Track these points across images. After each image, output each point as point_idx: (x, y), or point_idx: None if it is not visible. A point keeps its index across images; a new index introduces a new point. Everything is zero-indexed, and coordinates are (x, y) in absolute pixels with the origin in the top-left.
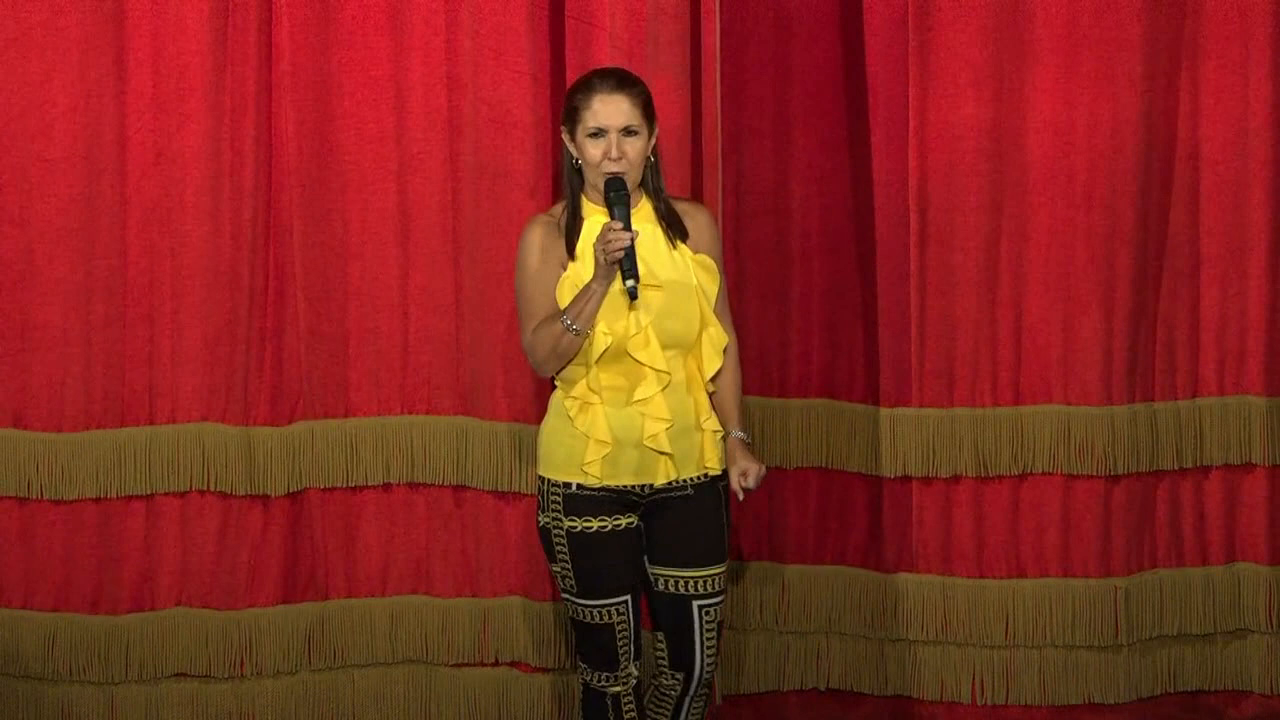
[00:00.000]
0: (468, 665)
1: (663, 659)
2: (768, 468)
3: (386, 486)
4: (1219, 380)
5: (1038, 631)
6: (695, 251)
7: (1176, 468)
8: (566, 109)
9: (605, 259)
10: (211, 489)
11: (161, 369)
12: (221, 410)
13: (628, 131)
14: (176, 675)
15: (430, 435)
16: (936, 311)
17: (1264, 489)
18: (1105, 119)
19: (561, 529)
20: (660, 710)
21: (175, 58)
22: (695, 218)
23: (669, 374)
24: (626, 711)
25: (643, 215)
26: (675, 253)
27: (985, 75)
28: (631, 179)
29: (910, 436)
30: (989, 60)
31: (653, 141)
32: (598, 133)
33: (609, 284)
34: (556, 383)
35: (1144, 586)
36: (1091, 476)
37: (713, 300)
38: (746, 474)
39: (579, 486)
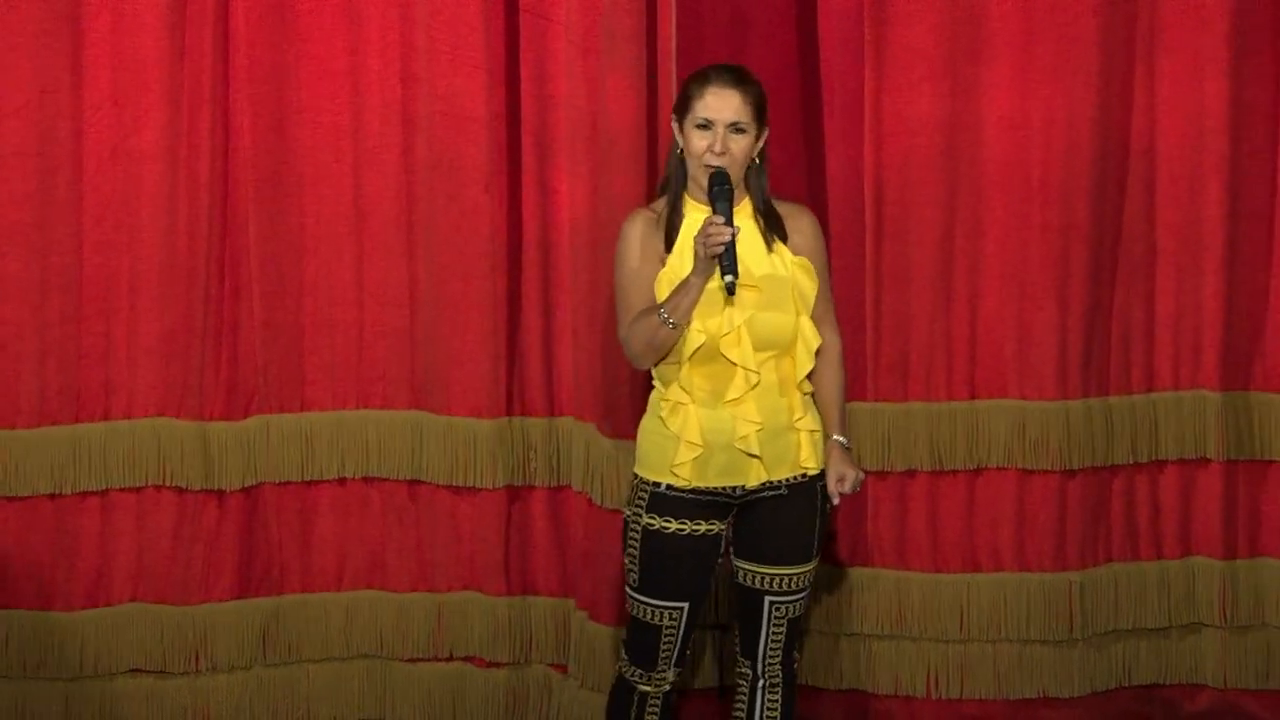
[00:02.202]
0: (423, 660)
1: (737, 646)
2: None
3: (342, 481)
4: (1174, 375)
5: (993, 626)
6: (795, 254)
7: (1131, 462)
8: (679, 98)
9: (705, 253)
10: (167, 484)
11: (117, 364)
12: (177, 405)
13: (735, 128)
14: (132, 671)
15: (385, 429)
16: (892, 306)
17: (1218, 483)
18: (1061, 114)
19: (639, 524)
20: (739, 700)
21: (131, 52)
22: (798, 220)
23: (758, 375)
24: (649, 713)
25: (744, 214)
26: (773, 254)
27: (941, 70)
28: (734, 176)
29: (865, 431)
30: (944, 55)
31: (761, 143)
32: (705, 124)
33: (707, 279)
34: (654, 381)
35: (1099, 581)
36: (1047, 471)
37: (809, 303)
38: (844, 479)
39: (668, 487)
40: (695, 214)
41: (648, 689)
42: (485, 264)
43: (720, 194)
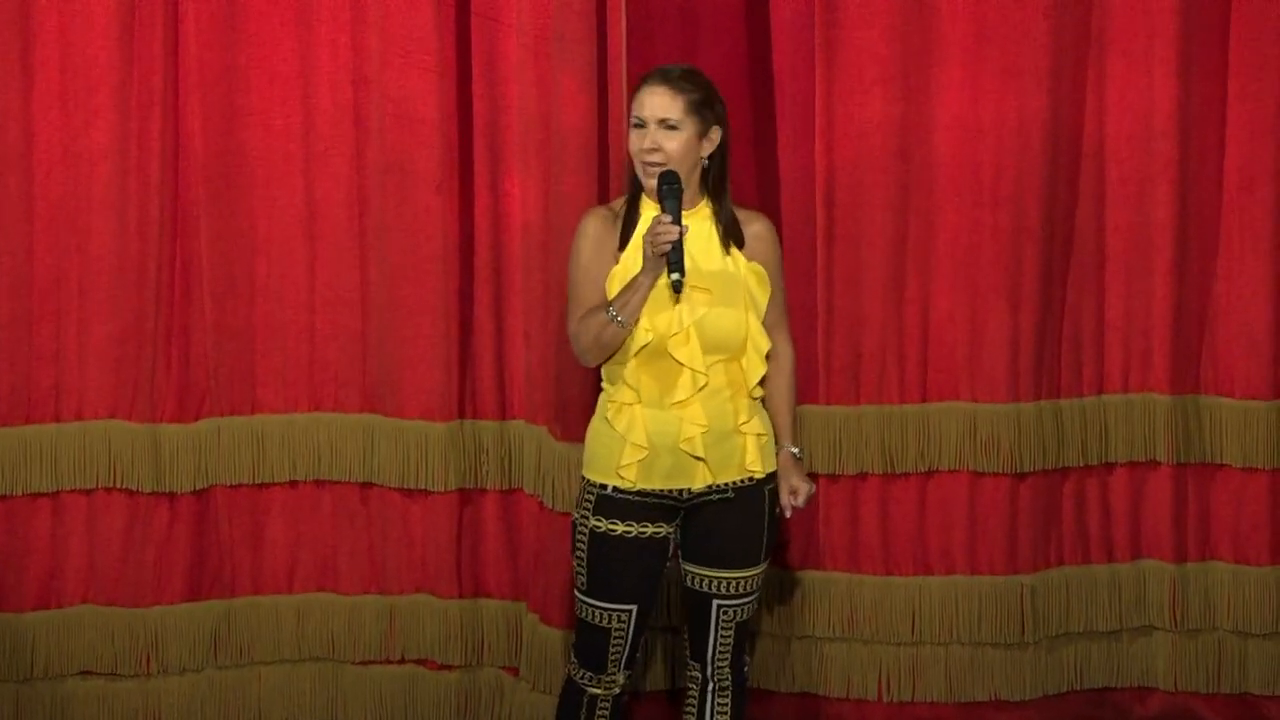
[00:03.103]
0: (374, 663)
1: (686, 649)
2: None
3: (293, 484)
4: (1124, 378)
5: (944, 629)
6: (750, 259)
7: (1082, 465)
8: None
9: (653, 252)
10: (118, 486)
11: (68, 366)
12: (128, 407)
13: (665, 124)
14: (82, 673)
15: (337, 432)
16: (843, 309)
17: (1168, 486)
18: (1011, 116)
19: (586, 527)
20: (690, 703)
21: (81, 54)
22: (755, 226)
23: (706, 376)
24: (599, 715)
25: (700, 216)
26: (728, 257)
27: (892, 72)
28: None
29: (817, 434)
30: (896, 57)
31: (710, 144)
32: (639, 123)
33: (656, 277)
34: (603, 383)
35: (1050, 584)
36: (998, 474)
37: (761, 309)
38: (796, 492)
39: (615, 489)
40: (650, 214)
41: (597, 691)
42: (437, 266)
43: (669, 193)
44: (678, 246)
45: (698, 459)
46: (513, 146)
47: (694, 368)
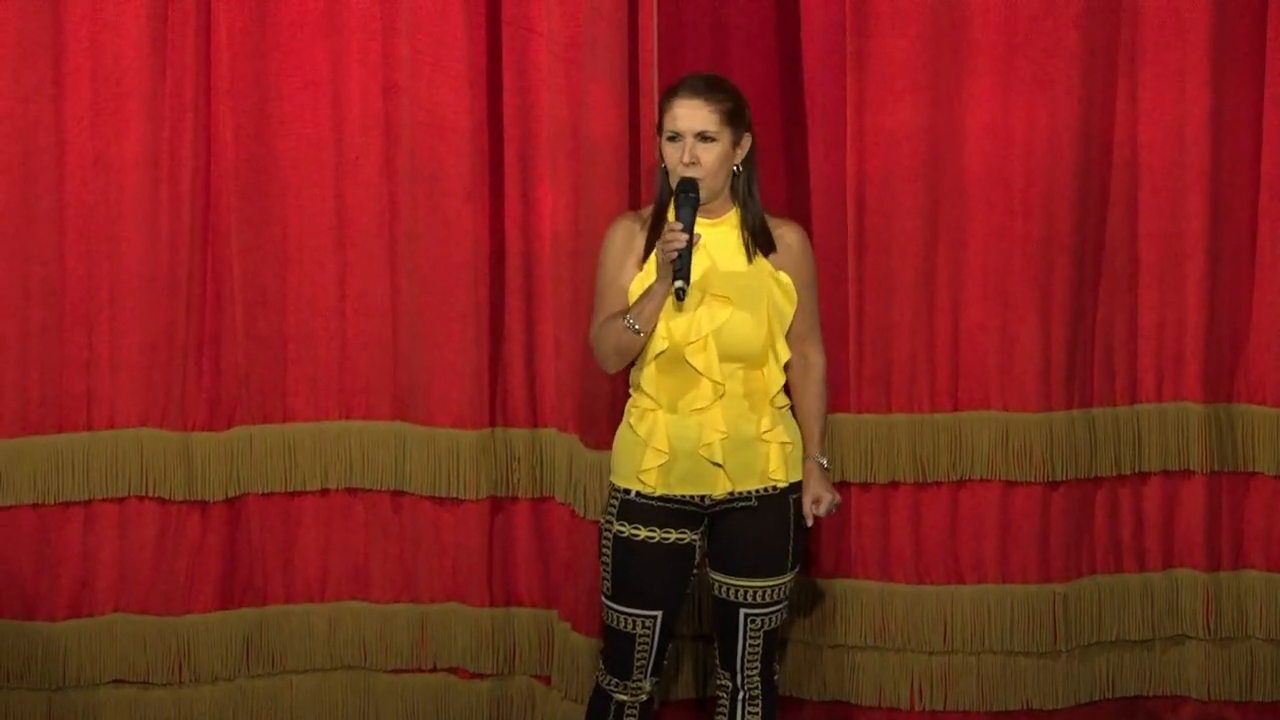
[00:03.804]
0: (406, 671)
1: (716, 658)
2: None
3: (324, 492)
4: (1157, 387)
5: (976, 637)
6: (779, 268)
7: (1115, 474)
8: (658, 114)
9: (663, 259)
10: (150, 495)
11: (99, 374)
12: (160, 416)
13: (703, 137)
14: (115, 681)
15: (368, 440)
16: (874, 317)
17: (1201, 495)
18: (1042, 125)
19: (610, 532)
20: (720, 711)
21: (113, 63)
22: (786, 235)
23: (723, 385)
24: None
25: (728, 224)
26: (753, 265)
27: (923, 81)
28: (708, 186)
29: (848, 442)
30: (926, 66)
31: (741, 151)
32: (674, 136)
33: (670, 285)
34: (629, 389)
35: (1082, 592)
36: (1030, 483)
37: (785, 319)
38: (819, 501)
39: (638, 494)
40: None
41: (624, 698)
42: (467, 274)
43: (684, 201)
44: (685, 254)
45: (716, 465)
46: (543, 154)
47: (710, 376)
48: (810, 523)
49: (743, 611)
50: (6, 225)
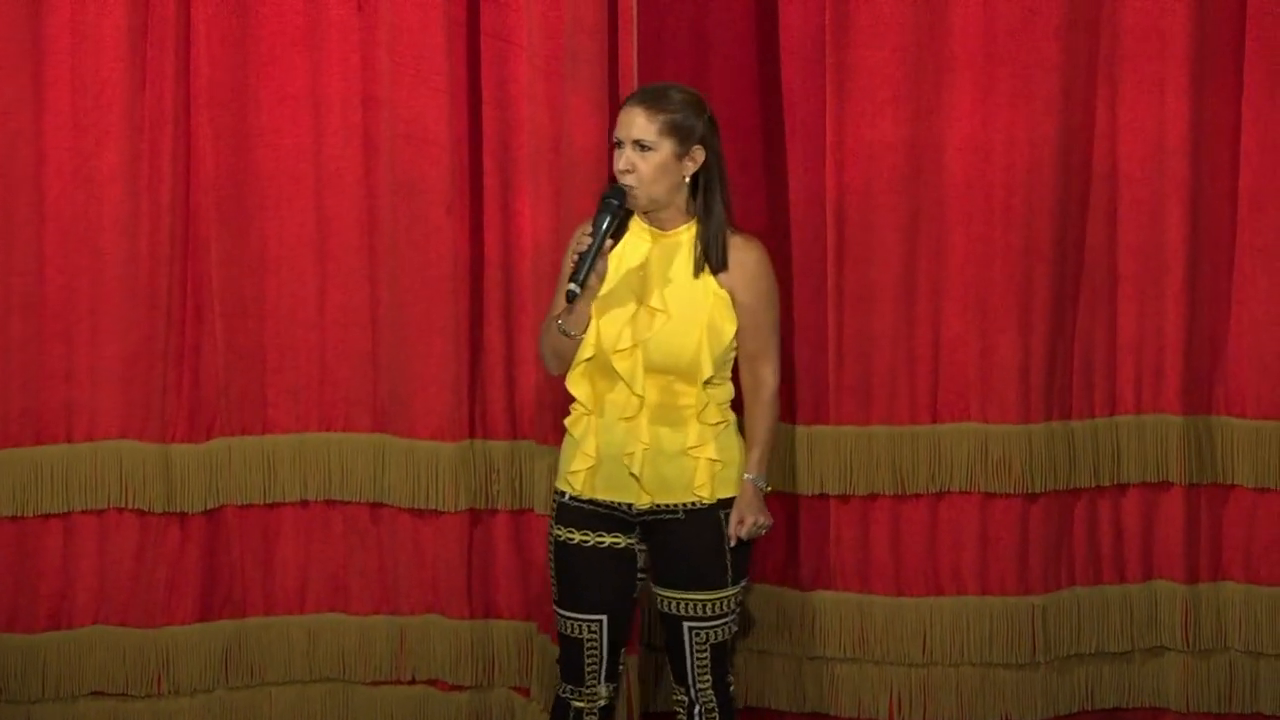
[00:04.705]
0: (385, 683)
1: (671, 672)
2: None
3: (304, 503)
4: (1136, 399)
5: (955, 649)
6: (729, 286)
7: (1094, 486)
8: None
9: (567, 260)
10: (129, 507)
11: (79, 386)
12: (139, 428)
13: (640, 146)
14: (94, 693)
15: (348, 452)
16: (854, 329)
17: (1180, 507)
18: (1022, 137)
19: (551, 536)
20: None
21: (93, 74)
22: (743, 253)
23: (642, 397)
24: None
25: (679, 238)
26: (697, 282)
27: (903, 93)
28: (645, 194)
29: (828, 454)
30: (906, 78)
31: (692, 164)
32: (617, 143)
33: (594, 289)
34: None
35: (1061, 604)
36: (1009, 495)
37: (722, 337)
38: (743, 522)
39: (570, 498)
40: (637, 233)
41: (581, 705)
42: (447, 286)
43: (603, 206)
44: (585, 258)
45: (633, 476)
46: (523, 166)
47: (632, 385)
48: (733, 543)
49: (686, 625)
50: None
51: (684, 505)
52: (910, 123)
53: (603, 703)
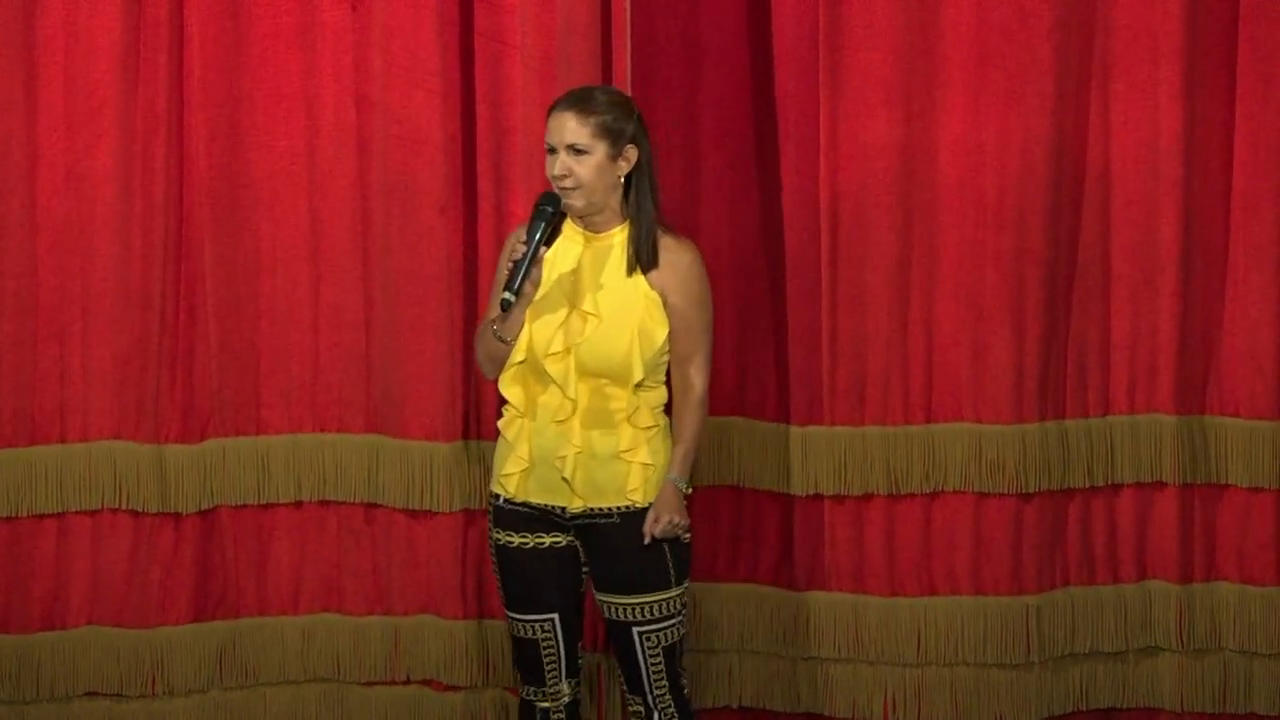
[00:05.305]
0: (380, 683)
1: (624, 684)
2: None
3: (298, 504)
4: (1130, 398)
5: (949, 650)
6: (660, 287)
7: (1088, 486)
8: None
9: (501, 269)
10: (123, 507)
11: (72, 387)
12: (133, 428)
13: (574, 150)
14: (88, 694)
15: (341, 453)
16: (848, 330)
17: (1174, 507)
18: (1015, 138)
19: (492, 541)
20: None
21: (86, 75)
22: (675, 254)
23: (574, 400)
24: None
25: (613, 239)
26: (630, 283)
27: (896, 95)
28: (584, 198)
29: (822, 455)
30: (900, 80)
31: (626, 164)
32: (551, 149)
33: (529, 295)
34: None
35: (1055, 604)
36: (1003, 495)
37: (653, 340)
38: (658, 520)
39: (505, 500)
40: (570, 237)
41: (546, 705)
42: (441, 287)
43: (536, 214)
44: (519, 266)
45: (565, 480)
46: (516, 168)
47: (564, 389)
48: (647, 540)
49: (635, 630)
50: None
51: (618, 509)
52: (903, 124)
53: (567, 699)
